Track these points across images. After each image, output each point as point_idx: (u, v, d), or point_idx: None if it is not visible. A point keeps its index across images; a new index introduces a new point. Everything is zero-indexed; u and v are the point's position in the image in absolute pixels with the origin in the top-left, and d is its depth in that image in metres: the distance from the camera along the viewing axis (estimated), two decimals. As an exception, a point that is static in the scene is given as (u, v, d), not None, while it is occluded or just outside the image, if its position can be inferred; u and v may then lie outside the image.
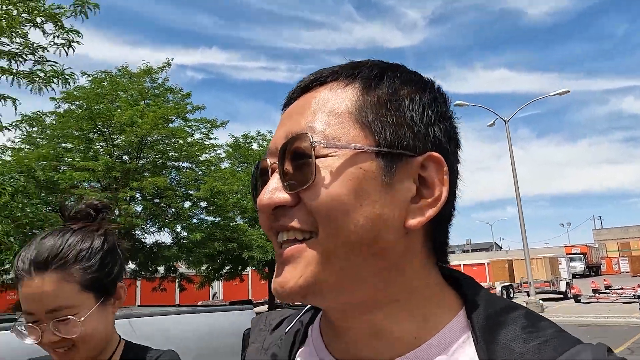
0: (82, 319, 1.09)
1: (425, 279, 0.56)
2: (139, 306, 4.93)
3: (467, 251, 74.14)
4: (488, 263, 37.72)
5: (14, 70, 7.32)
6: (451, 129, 0.58)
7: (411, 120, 0.54)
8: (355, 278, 0.52)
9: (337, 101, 0.55)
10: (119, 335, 1.26)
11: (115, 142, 14.95)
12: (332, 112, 0.54)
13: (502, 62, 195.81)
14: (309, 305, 0.68)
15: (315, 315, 0.67)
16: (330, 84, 0.57)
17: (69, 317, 1.08)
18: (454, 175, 0.57)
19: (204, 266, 17.74)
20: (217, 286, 28.54)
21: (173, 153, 15.72)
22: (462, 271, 0.61)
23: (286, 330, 0.68)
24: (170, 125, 15.32)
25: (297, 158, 0.52)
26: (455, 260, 43.74)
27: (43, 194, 13.03)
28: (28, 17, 6.73)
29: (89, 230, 1.20)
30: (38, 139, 14.98)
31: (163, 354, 1.24)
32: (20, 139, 14.44)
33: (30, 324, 1.10)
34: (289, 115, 0.58)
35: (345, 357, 0.57)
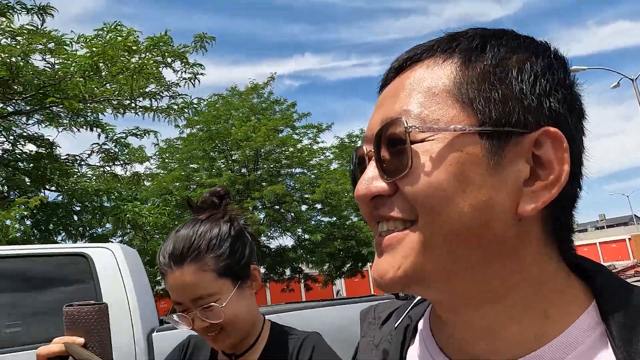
0: (224, 304, 1.14)
1: (544, 269, 0.50)
2: (286, 303, 5.45)
3: (602, 227, 67.23)
4: (629, 238, 33.86)
5: (154, 108, 8.54)
6: (572, 97, 0.51)
7: (520, 92, 0.48)
8: (460, 268, 0.48)
9: (434, 79, 0.50)
10: (264, 316, 1.31)
11: (234, 158, 16.31)
12: (428, 92, 0.50)
13: (618, 14, 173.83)
14: (418, 298, 0.65)
15: (425, 308, 0.63)
16: (426, 61, 0.52)
17: (212, 304, 1.13)
18: (577, 151, 0.51)
19: (326, 265, 18.40)
20: (340, 284, 29.34)
21: (285, 161, 16.63)
22: (599, 250, 0.54)
23: (396, 325, 0.64)
24: (280, 135, 16.28)
25: (392, 145, 0.49)
26: (589, 239, 39.56)
27: (178, 212, 14.65)
28: (161, 60, 7.82)
29: (215, 218, 1.24)
30: (170, 164, 16.83)
31: (309, 335, 1.26)
32: (155, 165, 16.38)
33: (180, 313, 1.17)
34: (383, 99, 0.54)
35: (458, 356, 0.53)
